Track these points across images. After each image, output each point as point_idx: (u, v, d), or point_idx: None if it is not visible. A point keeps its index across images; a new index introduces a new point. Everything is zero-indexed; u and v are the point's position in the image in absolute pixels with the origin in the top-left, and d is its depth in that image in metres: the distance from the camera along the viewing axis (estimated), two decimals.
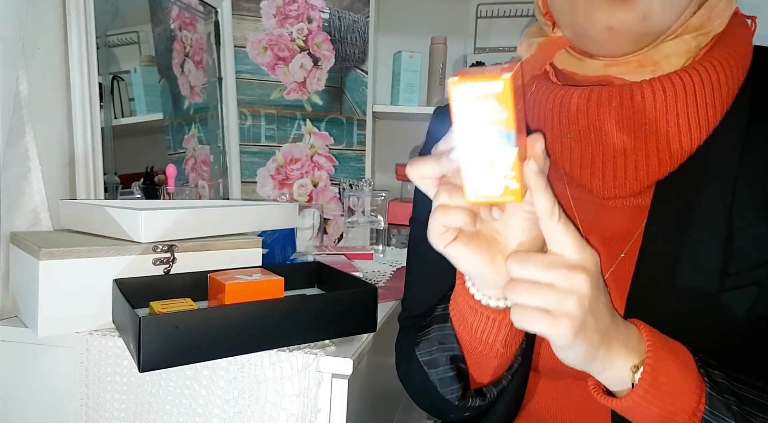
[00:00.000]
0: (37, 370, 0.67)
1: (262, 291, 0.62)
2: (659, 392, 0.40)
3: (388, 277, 1.06)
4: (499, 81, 0.34)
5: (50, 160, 0.80)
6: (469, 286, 0.47)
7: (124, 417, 0.64)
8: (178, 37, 1.20)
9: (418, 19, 1.68)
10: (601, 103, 0.47)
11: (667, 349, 0.42)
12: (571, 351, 0.40)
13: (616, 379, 0.42)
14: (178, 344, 0.55)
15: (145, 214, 0.66)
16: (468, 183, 0.38)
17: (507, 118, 0.35)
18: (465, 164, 0.37)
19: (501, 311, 0.46)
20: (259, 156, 1.47)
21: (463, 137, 0.36)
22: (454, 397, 0.52)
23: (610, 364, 0.41)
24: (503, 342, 0.48)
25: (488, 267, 0.42)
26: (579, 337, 0.38)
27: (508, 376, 0.52)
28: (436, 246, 0.43)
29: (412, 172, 0.42)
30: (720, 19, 0.48)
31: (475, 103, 0.35)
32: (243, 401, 0.61)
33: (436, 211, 0.41)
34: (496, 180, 0.37)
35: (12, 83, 0.70)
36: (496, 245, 0.43)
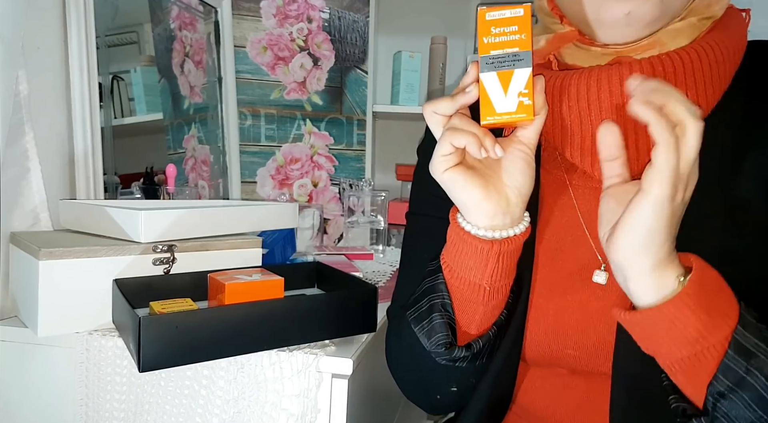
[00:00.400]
0: (37, 370, 0.67)
1: (262, 291, 0.62)
2: (704, 301, 0.39)
3: (388, 277, 1.06)
4: (521, 8, 0.42)
5: (50, 160, 0.80)
6: (460, 220, 0.49)
7: (123, 417, 0.64)
8: (178, 36, 1.20)
9: (418, 18, 1.68)
10: (601, 82, 0.47)
11: (711, 268, 0.41)
12: (656, 213, 0.38)
13: (656, 285, 0.40)
14: (178, 344, 0.55)
15: (144, 214, 0.66)
16: (485, 102, 0.43)
17: (526, 39, 0.42)
18: (486, 83, 0.43)
19: (488, 241, 0.47)
20: (259, 156, 1.47)
21: (486, 57, 0.43)
22: (441, 345, 0.51)
23: (662, 265, 0.40)
24: (489, 279, 0.49)
25: (481, 191, 0.46)
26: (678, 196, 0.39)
27: (494, 328, 0.52)
28: (437, 169, 0.46)
29: (427, 107, 0.46)
30: (719, 5, 0.49)
31: (499, 26, 0.42)
32: (243, 401, 0.61)
33: (446, 132, 0.45)
34: (511, 98, 0.43)
35: (12, 83, 0.70)
36: (490, 178, 0.47)
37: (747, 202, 0.47)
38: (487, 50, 0.43)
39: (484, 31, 0.43)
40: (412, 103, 1.54)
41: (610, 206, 0.44)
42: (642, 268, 0.40)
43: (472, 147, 0.43)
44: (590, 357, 0.52)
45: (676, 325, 0.40)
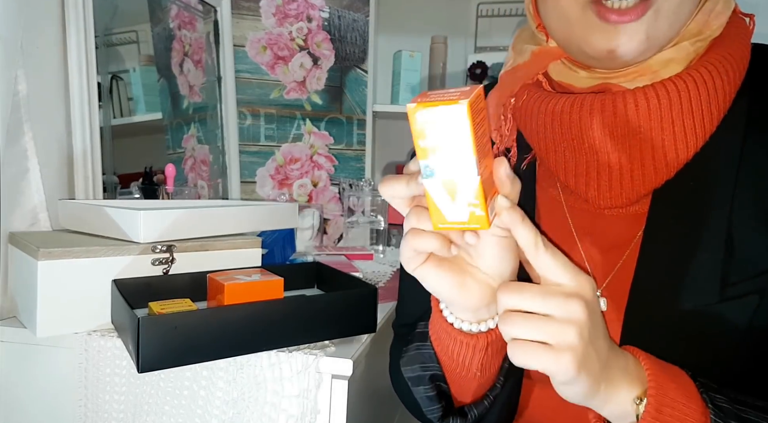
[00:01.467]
0: (36, 370, 0.67)
1: (261, 291, 0.62)
2: (667, 419, 0.39)
3: (388, 277, 1.06)
4: (458, 105, 0.33)
5: (49, 160, 0.80)
6: (443, 308, 0.46)
7: (123, 418, 0.63)
8: (178, 36, 1.19)
9: (419, 18, 1.68)
10: (594, 112, 0.46)
11: (667, 376, 0.41)
12: (573, 386, 0.38)
13: (620, 412, 0.40)
14: (177, 345, 0.55)
15: (144, 214, 0.66)
16: (434, 209, 0.37)
17: (467, 144, 0.34)
18: (430, 190, 0.36)
19: (474, 335, 0.45)
20: (258, 156, 1.46)
21: (424, 163, 0.35)
22: (435, 417, 0.51)
23: (613, 396, 0.40)
24: (479, 366, 0.47)
25: (458, 290, 0.42)
26: (582, 371, 0.37)
27: (490, 397, 0.51)
28: (406, 267, 0.42)
29: (383, 190, 0.41)
30: (718, 22, 0.47)
31: (433, 130, 0.34)
32: (242, 402, 0.61)
33: (407, 235, 0.40)
34: (460, 206, 0.36)
35: (10, 83, 0.70)
36: (467, 268, 0.43)
37: (747, 234, 0.45)
38: (425, 155, 0.35)
39: (419, 133, 0.34)
40: None
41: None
42: (594, 405, 0.40)
43: (441, 251, 0.39)
44: None
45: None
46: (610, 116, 0.45)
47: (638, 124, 0.45)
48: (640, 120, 0.45)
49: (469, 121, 0.33)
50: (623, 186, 0.47)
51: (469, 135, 0.33)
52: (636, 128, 0.45)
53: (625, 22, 0.43)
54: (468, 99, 0.33)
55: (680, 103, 0.44)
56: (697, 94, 0.44)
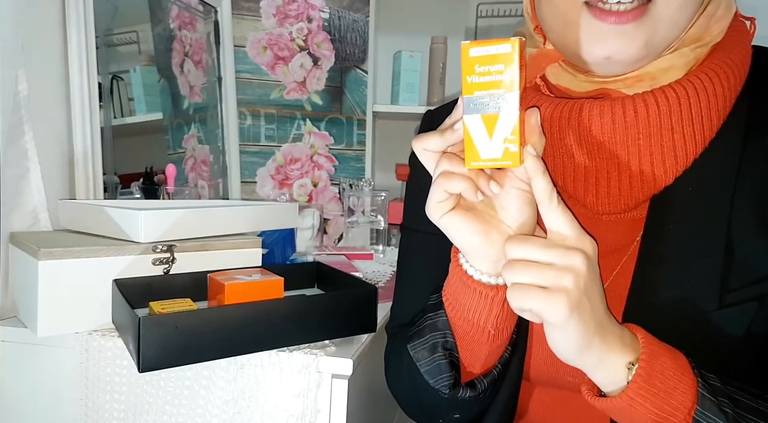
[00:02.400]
0: (37, 370, 0.67)
1: (261, 291, 0.62)
2: (654, 389, 0.40)
3: (388, 277, 1.06)
4: (508, 43, 0.37)
5: (49, 160, 0.80)
6: (462, 262, 0.47)
7: (123, 417, 0.64)
8: (178, 36, 1.19)
9: (418, 18, 1.68)
10: (593, 118, 0.45)
11: (661, 348, 0.41)
12: (566, 333, 0.39)
13: (611, 378, 0.41)
14: (177, 344, 0.55)
15: (144, 215, 0.66)
16: (470, 146, 0.40)
17: (512, 80, 0.37)
18: (469, 126, 0.39)
19: (493, 287, 0.46)
20: (258, 156, 1.47)
21: (469, 98, 0.39)
22: (445, 386, 0.50)
23: (605, 357, 0.41)
24: (494, 323, 0.47)
25: (483, 238, 0.43)
26: (574, 315, 0.38)
27: (498, 366, 0.51)
28: (433, 214, 0.43)
29: (416, 144, 0.43)
30: (719, 27, 0.46)
31: (484, 65, 0.38)
32: (243, 402, 0.61)
33: (438, 178, 0.42)
34: (496, 143, 0.39)
35: (11, 83, 0.70)
36: (491, 220, 0.44)
37: (746, 240, 0.45)
38: (471, 91, 0.39)
39: (468, 69, 0.38)
40: (412, 103, 1.54)
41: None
42: (586, 365, 0.41)
43: (469, 193, 0.41)
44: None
45: (631, 415, 0.41)
46: (608, 123, 0.45)
47: (637, 131, 0.44)
48: (639, 127, 0.44)
49: (517, 58, 0.37)
50: (621, 192, 0.47)
51: (516, 70, 0.37)
52: (635, 135, 0.45)
53: (623, 23, 0.42)
54: (518, 38, 0.37)
55: (680, 110, 0.44)
56: (697, 101, 0.44)
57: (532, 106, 0.42)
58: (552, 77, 0.52)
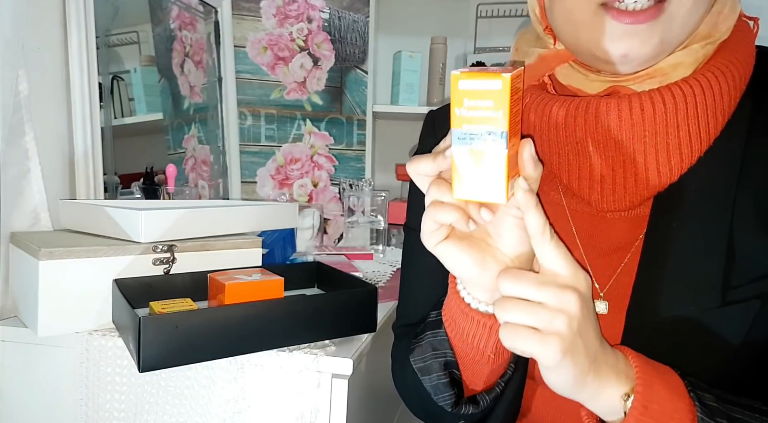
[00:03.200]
0: (37, 370, 0.67)
1: (262, 291, 0.62)
2: (651, 420, 0.39)
3: (388, 277, 1.06)
4: (499, 79, 0.35)
5: (50, 160, 0.80)
6: (460, 289, 0.47)
7: (123, 417, 0.64)
8: (178, 36, 1.20)
9: (418, 19, 1.68)
10: (599, 116, 0.45)
11: (655, 374, 0.41)
12: (559, 374, 0.39)
13: (608, 408, 0.41)
14: (178, 344, 0.55)
15: (145, 215, 0.66)
16: (457, 177, 0.39)
17: (502, 116, 0.36)
18: (457, 158, 0.38)
19: (491, 316, 0.45)
20: (259, 156, 1.47)
21: (458, 131, 0.38)
22: (447, 404, 0.51)
23: (601, 391, 0.40)
24: (494, 348, 0.47)
25: (478, 267, 0.43)
26: (567, 358, 0.38)
27: (501, 383, 0.51)
28: (427, 244, 0.43)
29: (410, 168, 0.43)
30: (726, 25, 0.46)
31: (473, 99, 0.37)
32: (243, 401, 0.61)
33: (429, 207, 0.41)
34: (483, 177, 0.38)
35: (12, 83, 0.70)
36: (487, 248, 0.43)
37: (748, 238, 0.45)
38: (460, 124, 0.37)
39: (458, 101, 0.37)
40: (412, 103, 1.54)
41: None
42: (582, 399, 0.41)
43: (459, 223, 0.40)
44: None
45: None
46: (615, 120, 0.45)
47: (643, 128, 0.44)
48: (646, 124, 0.44)
49: (508, 95, 0.36)
50: (627, 190, 0.47)
51: (506, 108, 0.36)
52: (641, 132, 0.45)
53: (639, 22, 0.42)
54: (510, 74, 0.36)
55: (686, 108, 0.44)
56: (703, 99, 0.44)
57: (527, 136, 0.42)
58: (562, 77, 0.52)
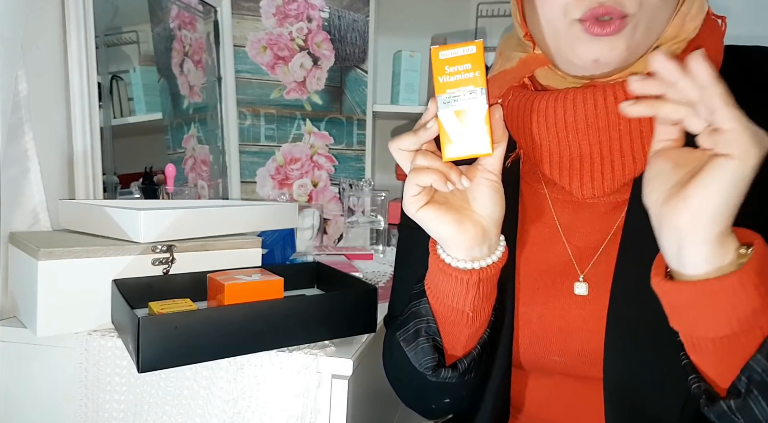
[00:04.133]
0: (37, 370, 0.67)
1: (261, 291, 0.62)
2: (765, 278, 0.37)
3: (388, 277, 1.06)
4: (473, 45, 0.43)
5: (49, 160, 0.80)
6: (440, 252, 0.50)
7: (123, 417, 0.63)
8: (178, 36, 1.19)
9: (419, 18, 1.68)
10: (577, 106, 0.49)
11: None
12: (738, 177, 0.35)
13: (718, 255, 0.37)
14: (177, 345, 0.55)
15: (144, 214, 0.66)
16: (445, 139, 0.44)
17: (479, 76, 0.43)
18: (444, 121, 0.44)
19: (468, 271, 0.48)
20: (258, 156, 1.46)
21: (442, 97, 0.44)
22: (429, 368, 0.52)
23: (726, 233, 0.37)
24: (472, 305, 0.50)
25: (456, 227, 0.46)
26: (755, 169, 0.35)
27: (478, 347, 0.53)
28: (409, 209, 0.47)
29: (392, 145, 0.47)
30: (693, 25, 0.49)
31: (453, 65, 0.43)
32: (242, 402, 0.61)
33: (411, 173, 0.46)
34: (469, 134, 0.44)
35: (11, 83, 0.70)
36: (464, 211, 0.48)
37: None
38: (443, 89, 0.44)
39: (439, 70, 0.43)
40: (412, 103, 1.54)
41: (666, 168, 0.40)
42: (705, 236, 0.37)
43: (438, 183, 0.44)
44: (575, 363, 0.53)
45: (733, 301, 0.37)
46: (591, 108, 0.48)
47: (618, 117, 0.48)
48: (620, 112, 0.46)
49: (482, 57, 0.42)
50: (605, 176, 0.50)
51: (483, 68, 0.42)
52: (616, 119, 0.48)
53: (607, 34, 0.46)
54: (481, 40, 0.43)
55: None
56: None
57: (498, 103, 0.47)
58: (542, 78, 0.55)
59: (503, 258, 0.50)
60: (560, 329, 0.53)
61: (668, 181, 0.40)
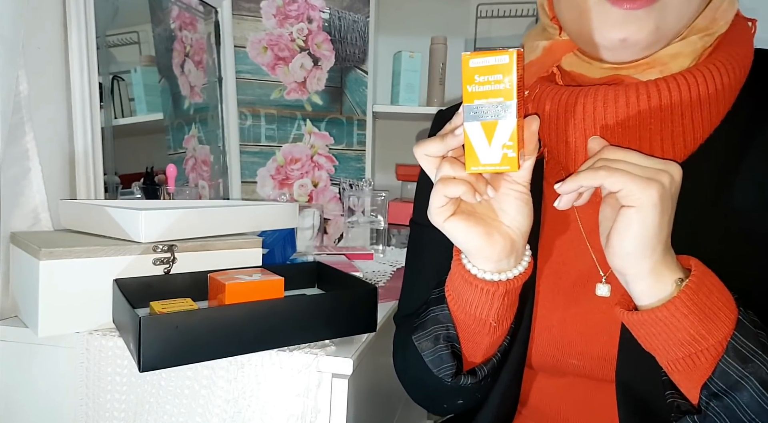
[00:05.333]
0: (38, 370, 0.67)
1: (262, 291, 0.62)
2: (699, 305, 0.40)
3: (388, 277, 1.06)
4: (506, 55, 0.39)
5: (50, 160, 0.80)
6: (465, 262, 0.49)
7: (124, 417, 0.64)
8: (179, 37, 1.20)
9: (418, 18, 1.68)
10: (608, 103, 0.47)
11: (710, 272, 0.42)
12: (644, 221, 0.39)
13: (656, 289, 0.41)
14: (178, 344, 0.55)
15: (145, 214, 0.66)
16: (470, 151, 0.42)
17: (510, 89, 0.40)
18: (470, 133, 0.41)
19: (495, 283, 0.47)
20: (259, 156, 1.47)
21: (470, 107, 0.41)
22: (447, 375, 0.53)
23: (659, 269, 0.41)
24: (496, 316, 0.49)
25: (485, 239, 0.45)
26: (659, 207, 0.38)
27: (498, 355, 0.53)
28: (436, 220, 0.45)
29: (418, 150, 0.45)
30: (724, 20, 0.49)
31: (483, 75, 0.40)
32: (243, 401, 0.61)
33: (437, 183, 0.44)
34: (495, 149, 0.41)
35: (12, 83, 0.70)
36: (492, 223, 0.46)
37: (745, 214, 0.47)
38: (471, 99, 0.41)
39: (468, 78, 0.40)
40: (412, 103, 1.54)
41: (606, 214, 0.44)
42: (639, 272, 0.41)
43: (468, 195, 0.43)
44: (594, 367, 0.53)
45: (670, 328, 0.41)
46: (623, 107, 0.47)
47: (650, 116, 0.47)
48: (652, 112, 0.46)
49: (515, 68, 0.39)
50: None
51: (514, 80, 0.39)
52: (647, 120, 0.47)
53: (636, 8, 0.45)
54: (515, 50, 0.39)
55: (690, 96, 0.46)
56: (705, 89, 0.46)
57: (533, 114, 0.44)
58: (567, 65, 0.54)
59: (529, 269, 0.49)
60: (581, 333, 0.53)
61: (607, 227, 0.43)
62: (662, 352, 0.42)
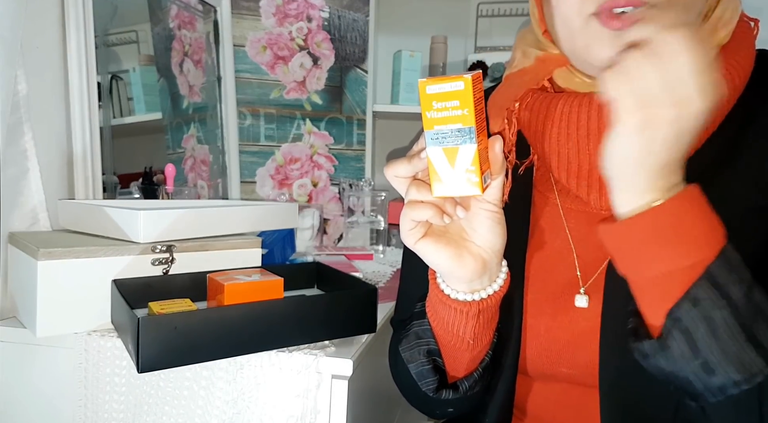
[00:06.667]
0: (36, 370, 0.67)
1: (261, 291, 0.62)
2: (676, 224, 0.37)
3: (388, 277, 1.06)
4: (461, 81, 0.39)
5: (49, 160, 0.80)
6: (439, 282, 0.49)
7: (123, 418, 0.63)
8: (177, 36, 1.19)
9: (419, 18, 1.68)
10: (602, 113, 0.46)
11: (705, 201, 0.39)
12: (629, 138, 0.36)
13: (636, 199, 0.38)
14: (177, 345, 0.55)
15: (144, 214, 0.66)
16: (434, 176, 0.42)
17: (468, 115, 0.40)
18: (432, 158, 0.42)
19: (468, 303, 0.48)
20: (258, 156, 1.46)
21: (430, 133, 0.41)
22: (430, 389, 0.53)
23: (646, 184, 0.38)
24: (472, 334, 0.49)
25: (455, 261, 0.45)
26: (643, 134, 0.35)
27: (479, 369, 0.53)
28: (406, 242, 0.45)
29: (387, 171, 0.45)
30: (725, 31, 0.47)
31: (441, 101, 0.40)
32: (242, 402, 0.61)
33: (405, 207, 0.44)
34: (458, 173, 0.41)
35: (10, 83, 0.70)
36: (463, 243, 0.46)
37: (738, 203, 0.45)
38: (431, 125, 0.41)
39: (427, 105, 0.40)
40: (412, 103, 1.53)
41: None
42: (637, 171, 0.38)
43: (435, 219, 0.43)
44: (584, 375, 0.52)
45: (642, 242, 0.38)
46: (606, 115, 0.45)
47: None
48: None
49: (471, 94, 0.39)
50: None
51: (471, 106, 0.39)
52: None
53: (626, 28, 0.42)
54: (470, 75, 0.39)
55: None
56: None
57: (497, 134, 0.44)
58: (561, 80, 0.53)
59: (505, 286, 0.49)
60: (567, 342, 0.52)
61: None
62: (640, 267, 0.39)
